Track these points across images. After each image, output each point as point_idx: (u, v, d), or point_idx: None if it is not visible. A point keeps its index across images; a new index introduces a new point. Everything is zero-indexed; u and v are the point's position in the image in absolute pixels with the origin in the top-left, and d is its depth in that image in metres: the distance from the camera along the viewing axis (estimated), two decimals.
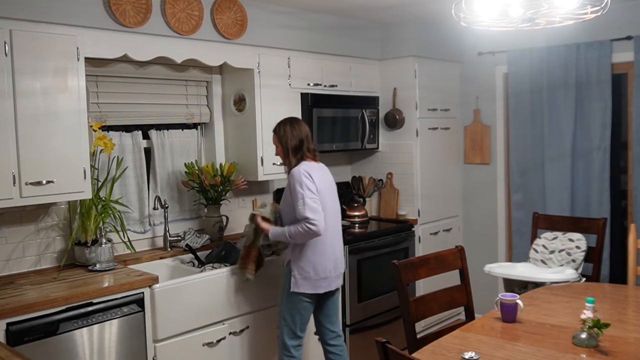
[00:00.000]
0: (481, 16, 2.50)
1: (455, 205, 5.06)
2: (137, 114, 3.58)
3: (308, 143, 3.15)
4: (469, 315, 2.99)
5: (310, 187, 2.98)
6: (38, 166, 2.78)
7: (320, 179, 3.08)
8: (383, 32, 4.66)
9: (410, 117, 4.61)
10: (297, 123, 3.18)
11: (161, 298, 2.94)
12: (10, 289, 2.74)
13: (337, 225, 3.24)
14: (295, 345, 3.15)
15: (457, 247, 3.05)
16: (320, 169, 3.15)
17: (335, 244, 3.18)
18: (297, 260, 3.08)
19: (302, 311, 3.12)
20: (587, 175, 4.34)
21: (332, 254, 3.14)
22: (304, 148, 3.13)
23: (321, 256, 3.09)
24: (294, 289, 3.08)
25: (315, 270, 3.07)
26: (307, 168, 3.06)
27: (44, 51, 2.78)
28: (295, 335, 3.14)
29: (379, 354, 1.80)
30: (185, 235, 3.65)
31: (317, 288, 3.10)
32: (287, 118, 3.24)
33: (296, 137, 3.11)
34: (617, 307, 2.80)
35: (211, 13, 3.49)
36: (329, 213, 3.09)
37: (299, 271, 3.07)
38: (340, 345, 3.30)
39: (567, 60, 4.35)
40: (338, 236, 3.23)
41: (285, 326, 3.14)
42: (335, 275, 3.17)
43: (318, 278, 3.09)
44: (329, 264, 3.12)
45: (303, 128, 3.16)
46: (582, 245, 3.66)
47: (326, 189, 3.12)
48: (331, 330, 3.28)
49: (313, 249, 3.07)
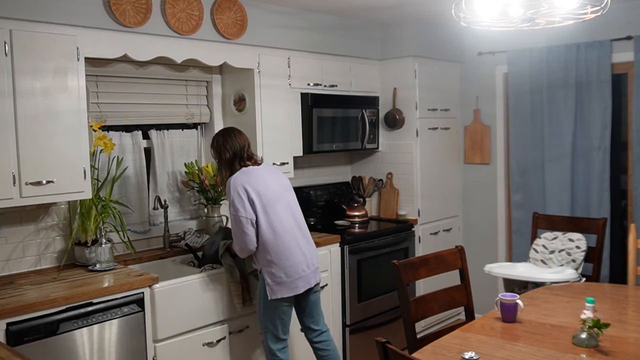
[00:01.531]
0: (481, 16, 2.50)
1: (455, 205, 5.06)
2: (137, 114, 3.58)
3: (244, 152, 3.09)
4: (469, 315, 2.99)
5: (239, 204, 2.95)
6: (38, 166, 2.78)
7: (259, 181, 3.02)
8: (383, 32, 4.66)
9: (410, 117, 4.61)
10: (229, 135, 3.12)
11: (161, 298, 2.94)
12: (10, 289, 2.74)
13: (296, 221, 3.13)
14: (280, 349, 3.12)
15: (457, 247, 3.05)
16: (259, 171, 3.08)
17: (299, 240, 3.09)
18: (266, 267, 3.03)
19: (281, 315, 3.09)
20: (587, 175, 4.34)
21: (299, 250, 3.06)
22: (237, 160, 3.07)
23: (288, 258, 3.01)
24: (272, 296, 3.01)
25: (287, 274, 3.01)
26: (241, 175, 3.02)
27: (44, 51, 2.78)
28: (279, 339, 3.12)
29: (379, 354, 1.80)
30: (185, 235, 3.65)
31: (295, 289, 3.04)
32: (221, 130, 3.23)
33: (229, 150, 3.07)
34: (617, 307, 2.80)
35: (211, 13, 3.49)
36: (279, 212, 3.03)
37: (271, 278, 3.01)
38: (326, 340, 3.25)
39: (567, 60, 4.35)
40: (301, 231, 3.13)
41: (267, 332, 3.11)
42: (310, 271, 3.10)
43: (292, 279, 3.03)
44: (300, 263, 3.05)
45: (237, 139, 3.10)
46: (582, 245, 3.66)
47: (271, 188, 3.05)
48: (315, 329, 3.24)
49: (277, 254, 3.00)
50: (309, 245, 3.17)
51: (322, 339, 3.26)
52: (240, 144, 3.11)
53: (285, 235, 3.03)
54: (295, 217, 3.14)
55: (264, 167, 3.15)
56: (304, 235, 3.15)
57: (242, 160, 3.09)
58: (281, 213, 3.05)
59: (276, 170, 3.22)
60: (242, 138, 3.13)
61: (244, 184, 2.99)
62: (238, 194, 2.98)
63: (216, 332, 3.19)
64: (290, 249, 3.04)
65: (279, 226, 3.02)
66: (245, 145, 3.13)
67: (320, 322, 3.27)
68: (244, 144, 3.12)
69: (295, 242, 3.07)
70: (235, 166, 3.08)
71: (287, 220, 3.07)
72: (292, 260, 3.03)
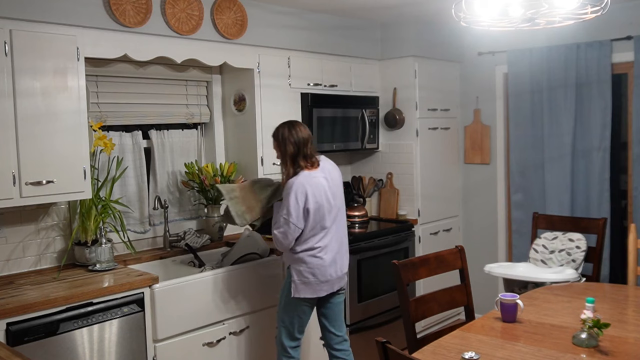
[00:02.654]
0: (481, 16, 2.50)
1: (455, 205, 5.06)
2: (137, 114, 3.58)
3: (307, 148, 3.03)
4: (469, 315, 2.99)
5: (293, 210, 2.91)
6: (38, 166, 2.78)
7: (320, 192, 2.98)
8: (383, 32, 4.66)
9: (410, 117, 4.61)
10: (294, 127, 3.06)
11: (161, 298, 2.94)
12: (10, 289, 2.74)
13: (342, 226, 3.14)
14: (293, 346, 3.12)
15: (457, 247, 3.05)
16: (320, 179, 3.02)
17: (340, 245, 3.10)
18: (295, 265, 3.03)
19: (301, 314, 3.09)
20: (587, 175, 4.34)
21: (333, 256, 3.05)
22: (301, 156, 3.01)
23: (321, 260, 3.01)
24: (295, 294, 3.01)
25: (314, 275, 3.00)
26: (305, 183, 2.95)
27: (44, 51, 2.78)
28: (294, 337, 3.11)
29: (379, 354, 1.80)
30: (185, 235, 3.65)
31: (319, 292, 3.04)
32: (285, 122, 3.13)
33: (294, 143, 3.01)
34: (617, 307, 2.80)
35: (211, 13, 3.49)
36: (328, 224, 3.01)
37: (298, 276, 3.01)
38: (346, 350, 3.22)
39: (567, 60, 4.34)
40: (343, 238, 3.14)
41: (283, 328, 3.11)
42: (337, 277, 3.09)
43: (319, 282, 3.02)
44: (330, 268, 3.04)
45: (301, 133, 3.04)
46: (582, 245, 3.66)
47: (329, 200, 3.01)
48: (337, 334, 3.20)
49: (311, 253, 3.00)
50: (344, 253, 3.16)
51: (344, 348, 3.22)
52: (304, 138, 3.04)
53: (332, 239, 3.04)
54: (340, 228, 3.12)
55: (322, 173, 3.05)
56: (344, 242, 3.16)
57: (305, 158, 3.03)
58: (329, 225, 3.03)
59: (331, 171, 3.12)
60: (306, 132, 3.07)
61: (306, 192, 2.93)
62: (295, 199, 2.92)
63: (216, 332, 3.19)
64: (327, 252, 3.03)
65: (323, 239, 3.01)
66: (309, 140, 3.06)
67: (342, 328, 3.24)
68: (308, 138, 3.06)
69: (333, 247, 3.06)
70: (300, 162, 3.01)
71: (333, 234, 3.05)
72: (325, 264, 3.02)
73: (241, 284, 3.29)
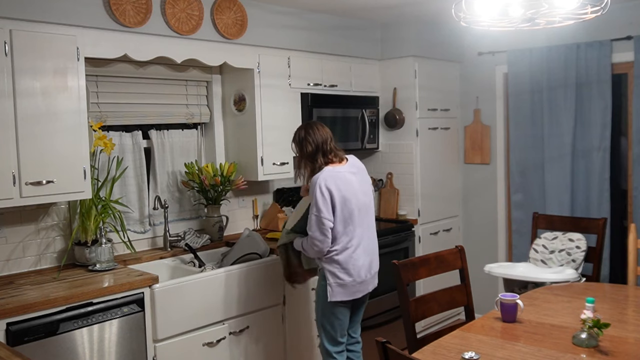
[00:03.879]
0: (481, 16, 2.50)
1: (455, 205, 5.06)
2: (137, 114, 3.58)
3: (326, 146, 3.00)
4: (469, 315, 2.99)
5: (322, 205, 2.87)
6: (38, 166, 2.78)
7: (347, 187, 2.95)
8: (383, 32, 4.66)
9: (410, 117, 4.61)
10: (311, 127, 3.04)
11: (161, 298, 2.94)
12: (10, 289, 2.74)
13: (372, 225, 3.12)
14: (338, 351, 3.08)
15: (457, 247, 3.05)
16: (346, 175, 2.99)
17: (371, 243, 3.08)
18: (330, 267, 2.97)
19: (340, 316, 3.04)
20: (587, 175, 4.34)
21: (365, 254, 3.03)
22: (320, 153, 2.98)
23: (355, 260, 2.98)
24: (332, 298, 2.96)
25: (350, 275, 2.97)
26: (328, 177, 2.92)
27: (44, 51, 2.78)
28: (337, 341, 3.07)
29: (379, 354, 1.80)
30: (185, 235, 3.65)
31: (355, 294, 3.01)
32: (303, 124, 3.14)
33: (312, 142, 2.99)
34: (617, 307, 2.80)
35: (211, 13, 3.49)
36: (357, 221, 2.98)
37: (333, 278, 2.96)
38: (357, 352, 3.22)
39: (567, 60, 4.34)
40: (372, 235, 3.11)
41: (325, 333, 3.07)
42: (371, 276, 3.08)
43: (354, 283, 2.99)
44: (364, 267, 3.02)
45: (319, 132, 3.01)
46: (582, 245, 3.66)
47: (357, 195, 2.99)
48: (352, 336, 3.21)
49: (344, 254, 2.96)
50: (375, 250, 3.14)
51: (356, 349, 3.22)
52: (323, 136, 3.01)
53: (363, 237, 3.02)
54: (370, 225, 3.10)
55: (349, 168, 3.04)
56: (373, 239, 3.14)
57: (325, 155, 3.00)
58: (359, 222, 3.00)
59: (360, 169, 3.12)
60: (324, 131, 3.04)
61: (330, 187, 2.90)
62: (322, 195, 2.89)
63: (216, 332, 3.19)
64: (359, 251, 3.01)
65: (354, 235, 2.98)
66: (328, 138, 3.03)
67: (359, 330, 3.24)
68: (327, 137, 3.03)
69: (364, 246, 3.03)
70: (318, 160, 2.98)
71: (363, 231, 3.03)
72: (358, 263, 2.99)
73: (241, 284, 3.29)
